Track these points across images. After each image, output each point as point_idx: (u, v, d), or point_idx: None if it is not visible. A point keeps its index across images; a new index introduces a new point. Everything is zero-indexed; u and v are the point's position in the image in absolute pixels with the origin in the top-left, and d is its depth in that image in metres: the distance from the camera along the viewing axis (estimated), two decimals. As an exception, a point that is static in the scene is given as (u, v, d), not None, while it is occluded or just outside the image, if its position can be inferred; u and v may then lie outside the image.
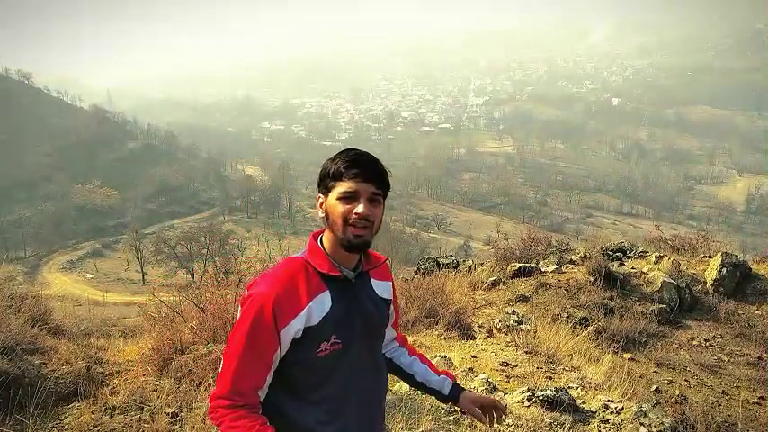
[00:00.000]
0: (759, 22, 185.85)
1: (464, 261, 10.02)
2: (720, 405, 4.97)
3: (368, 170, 1.47)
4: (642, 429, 3.66)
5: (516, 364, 4.94)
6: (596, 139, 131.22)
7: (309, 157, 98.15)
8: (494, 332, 6.07)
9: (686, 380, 5.51)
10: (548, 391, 3.95)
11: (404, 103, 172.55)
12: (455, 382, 1.86)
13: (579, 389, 4.39)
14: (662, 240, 10.16)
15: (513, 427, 3.67)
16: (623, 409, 3.96)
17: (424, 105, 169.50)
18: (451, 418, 3.74)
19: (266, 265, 5.24)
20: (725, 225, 76.55)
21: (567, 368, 4.94)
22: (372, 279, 1.65)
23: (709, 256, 8.28)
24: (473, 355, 5.16)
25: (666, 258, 8.09)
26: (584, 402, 4.09)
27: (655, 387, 5.17)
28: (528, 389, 4.09)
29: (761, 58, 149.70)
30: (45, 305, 5.99)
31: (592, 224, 76.86)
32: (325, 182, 1.51)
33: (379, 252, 1.70)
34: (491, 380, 4.35)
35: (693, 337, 6.49)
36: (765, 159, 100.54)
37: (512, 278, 8.01)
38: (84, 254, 60.46)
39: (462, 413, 3.80)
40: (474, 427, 3.68)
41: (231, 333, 1.48)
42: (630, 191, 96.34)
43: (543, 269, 8.20)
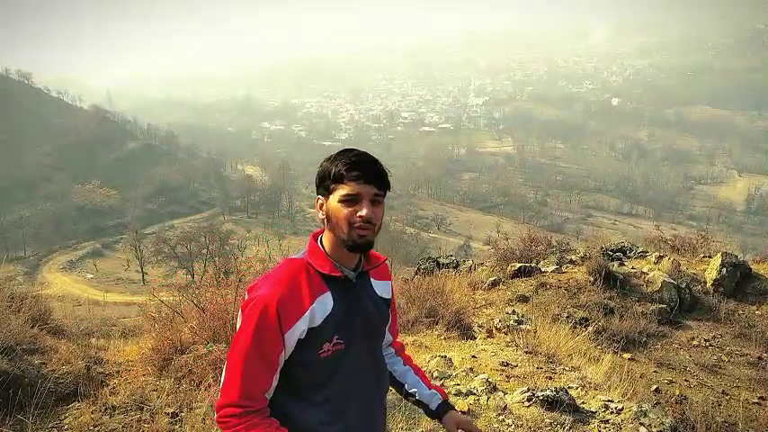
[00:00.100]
0: (759, 22, 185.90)
1: (464, 261, 10.02)
2: (720, 405, 4.97)
3: (369, 172, 1.46)
4: (642, 429, 3.66)
5: (516, 364, 4.94)
6: (596, 139, 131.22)
7: (309, 157, 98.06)
8: (494, 332, 6.07)
9: (686, 380, 5.51)
10: (548, 392, 3.95)
11: (404, 103, 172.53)
12: (445, 400, 1.83)
13: (579, 389, 4.39)
14: (662, 240, 10.17)
15: (514, 427, 3.67)
16: (623, 409, 3.96)
17: (424, 105, 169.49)
18: (451, 418, 3.73)
19: (266, 266, 5.23)
20: (725, 225, 76.56)
21: (567, 368, 4.94)
22: (372, 279, 1.65)
23: (710, 256, 8.28)
24: (473, 355, 5.16)
25: (666, 258, 8.09)
26: (584, 402, 4.09)
27: (655, 387, 5.17)
28: (528, 389, 4.09)
29: (761, 58, 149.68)
30: (45, 305, 5.98)
31: (592, 224, 76.88)
32: (325, 184, 1.50)
33: (378, 252, 1.70)
34: (491, 380, 4.35)
35: (693, 337, 6.49)
36: (765, 159, 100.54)
37: (512, 278, 8.01)
38: (84, 254, 60.46)
39: (462, 413, 3.82)
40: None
41: (235, 338, 1.46)
42: (630, 191, 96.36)
43: (543, 269, 8.20)
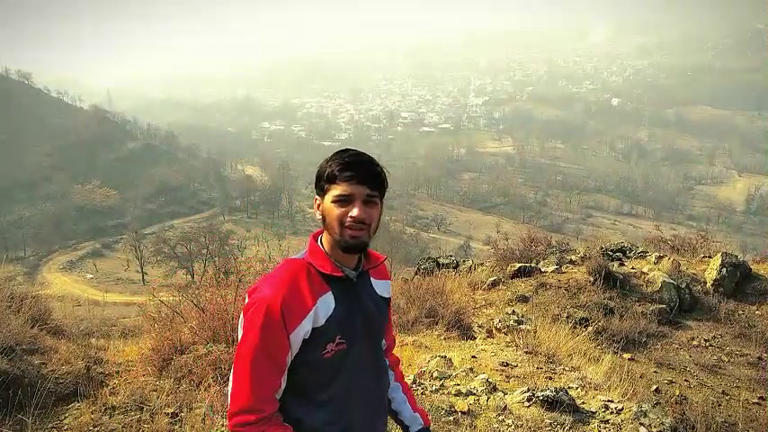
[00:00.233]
0: (759, 22, 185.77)
1: (464, 261, 10.03)
2: (720, 405, 4.97)
3: (362, 172, 1.46)
4: (642, 429, 3.66)
5: (516, 365, 4.95)
6: (596, 139, 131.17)
7: (309, 158, 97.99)
8: (494, 332, 6.07)
9: (686, 380, 5.51)
10: (548, 392, 3.95)
11: (404, 103, 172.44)
12: (426, 426, 1.81)
13: (579, 389, 4.40)
14: (662, 240, 10.18)
15: (514, 427, 3.67)
16: (623, 409, 3.96)
17: (424, 105, 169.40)
18: (451, 418, 3.74)
19: (266, 266, 5.23)
20: (725, 225, 76.52)
21: (567, 368, 4.94)
22: (372, 278, 1.65)
23: (709, 257, 8.28)
24: (473, 356, 5.16)
25: (666, 258, 8.10)
26: (584, 402, 4.09)
27: (655, 387, 5.17)
28: (528, 389, 4.09)
29: (761, 58, 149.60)
30: (45, 305, 5.98)
31: (592, 224, 76.91)
32: (320, 184, 1.51)
33: (378, 252, 1.70)
34: (491, 380, 4.35)
35: (693, 338, 6.49)
36: (765, 159, 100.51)
37: (512, 278, 8.01)
38: (84, 254, 60.44)
39: (462, 413, 3.82)
40: (474, 427, 3.68)
41: (241, 342, 1.45)
42: (630, 191, 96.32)
43: (543, 269, 8.20)
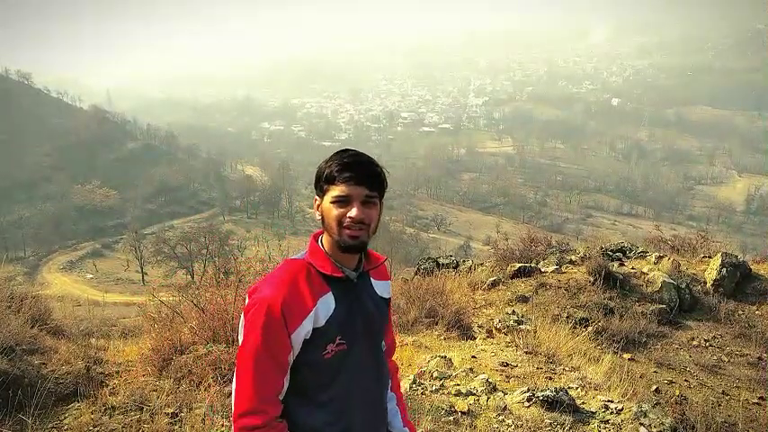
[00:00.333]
0: (759, 22, 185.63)
1: (464, 261, 10.03)
2: (720, 405, 4.97)
3: (361, 173, 1.46)
4: (642, 430, 3.66)
5: (516, 365, 4.95)
6: (596, 139, 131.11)
7: (309, 158, 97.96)
8: (494, 332, 6.07)
9: (686, 380, 5.51)
10: (548, 392, 3.95)
11: (404, 104, 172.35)
12: None
13: (579, 389, 4.40)
14: (662, 240, 10.18)
15: (514, 427, 3.67)
16: (623, 409, 3.96)
17: (424, 105, 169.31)
18: (451, 418, 3.74)
19: (266, 266, 5.23)
20: (725, 225, 76.47)
21: (567, 368, 4.94)
22: (372, 279, 1.66)
23: (709, 257, 8.28)
24: (473, 356, 5.16)
25: (666, 258, 8.09)
26: (584, 403, 4.09)
27: (655, 387, 5.17)
28: (528, 389, 4.10)
29: (761, 58, 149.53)
30: (45, 305, 5.98)
31: (591, 224, 76.88)
32: (319, 184, 1.51)
33: (378, 252, 1.70)
34: (491, 380, 4.35)
35: (693, 338, 6.49)
36: (765, 159, 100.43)
37: (511, 278, 8.01)
38: (84, 254, 60.42)
39: (462, 413, 3.82)
40: (474, 427, 3.68)
41: (243, 343, 1.46)
42: (630, 191, 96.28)
43: (543, 269, 8.20)
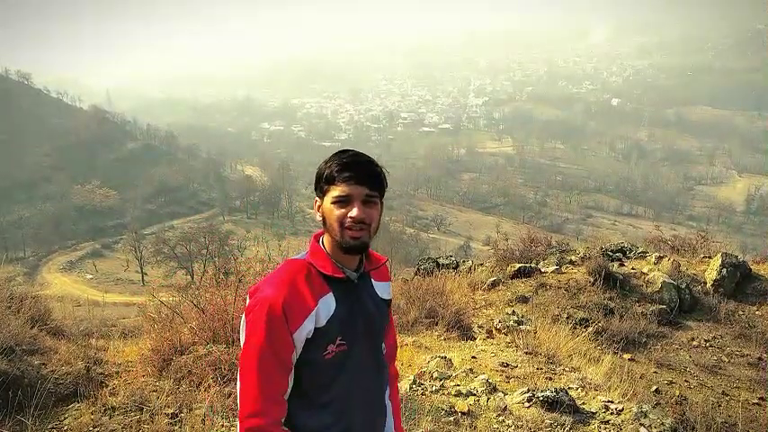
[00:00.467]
0: (759, 22, 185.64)
1: (464, 261, 10.03)
2: (720, 406, 4.97)
3: (361, 173, 1.46)
4: (642, 430, 3.66)
5: (516, 365, 4.94)
6: (596, 139, 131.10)
7: (309, 158, 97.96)
8: (494, 333, 6.07)
9: (686, 380, 5.51)
10: (548, 392, 3.95)
11: (403, 104, 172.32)
12: None
13: (579, 389, 4.39)
14: (662, 241, 10.18)
15: (514, 427, 3.67)
16: (623, 409, 3.96)
17: (424, 105, 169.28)
18: (451, 418, 3.74)
19: (266, 266, 5.22)
20: (725, 225, 76.44)
21: (567, 369, 4.94)
22: (373, 280, 1.66)
23: (709, 257, 8.28)
24: (473, 356, 5.16)
25: (666, 259, 8.09)
26: (584, 403, 4.09)
27: (655, 388, 5.17)
28: (528, 389, 4.09)
29: (761, 58, 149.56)
30: (44, 306, 5.98)
31: (591, 224, 76.88)
32: (320, 185, 1.51)
33: (378, 253, 1.70)
34: (491, 380, 4.35)
35: (693, 338, 6.48)
36: (765, 159, 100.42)
37: (511, 279, 8.01)
38: (84, 254, 60.41)
39: (462, 413, 3.82)
40: (474, 427, 3.68)
41: (246, 343, 1.45)
42: (630, 191, 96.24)
43: (543, 270, 8.20)
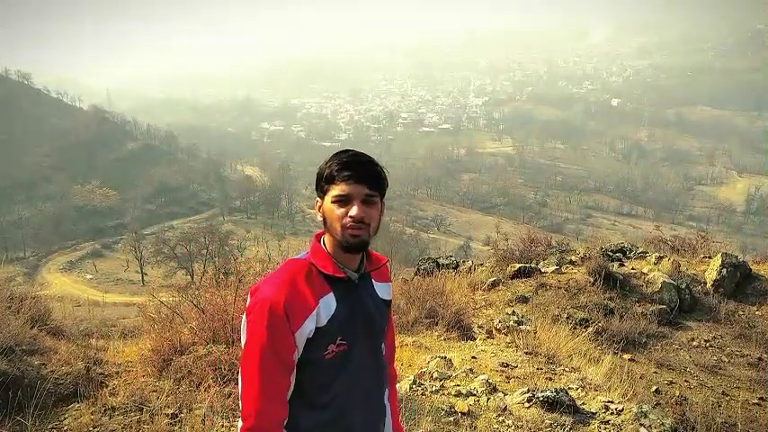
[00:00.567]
0: (759, 22, 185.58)
1: (464, 262, 10.03)
2: (720, 406, 4.97)
3: (360, 172, 1.46)
4: (642, 430, 3.66)
5: (516, 365, 4.94)
6: (596, 139, 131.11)
7: (309, 158, 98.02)
8: (494, 333, 6.07)
9: (686, 381, 5.51)
10: (548, 392, 3.95)
11: (403, 104, 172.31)
12: None
13: (579, 390, 4.39)
14: (662, 241, 10.17)
15: (514, 428, 3.66)
16: (623, 410, 3.95)
17: (424, 106, 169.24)
18: (451, 419, 3.74)
19: (266, 266, 5.22)
20: (725, 225, 76.49)
21: (567, 369, 4.94)
22: (373, 280, 1.66)
23: (709, 257, 8.27)
24: (473, 356, 5.16)
25: (666, 259, 8.09)
26: (584, 403, 4.09)
27: (655, 388, 5.17)
28: (528, 390, 4.09)
29: (761, 58, 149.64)
30: (44, 306, 5.97)
31: (591, 225, 76.94)
32: (320, 185, 1.52)
33: (378, 253, 1.70)
34: (491, 381, 4.35)
35: (693, 338, 6.48)
36: (765, 159, 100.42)
37: (511, 279, 8.00)
38: (84, 254, 60.43)
39: (462, 414, 3.82)
40: (474, 428, 3.68)
41: (247, 342, 1.45)
42: (630, 191, 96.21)
43: (543, 270, 8.20)
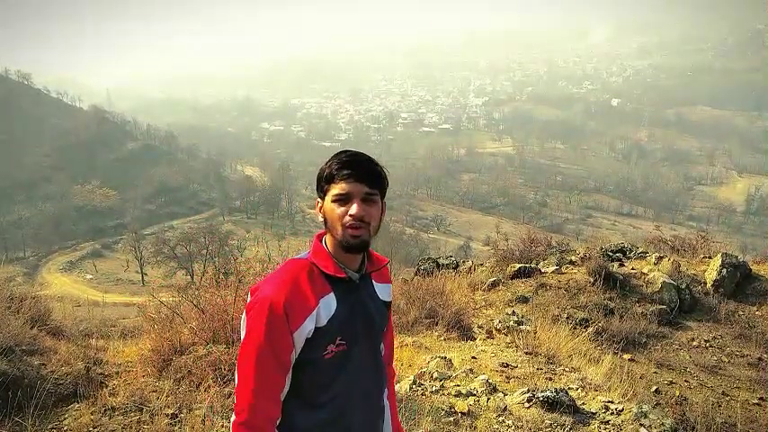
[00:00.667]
0: (759, 22, 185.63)
1: (464, 262, 10.03)
2: (720, 406, 4.97)
3: (360, 170, 1.47)
4: (642, 430, 3.66)
5: (516, 365, 4.94)
6: (596, 139, 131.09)
7: (309, 158, 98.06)
8: (494, 333, 6.07)
9: (686, 381, 5.51)
10: (548, 392, 3.95)
11: (403, 104, 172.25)
12: None
13: (579, 390, 4.39)
14: (662, 241, 10.17)
15: (514, 428, 3.66)
16: (623, 410, 3.95)
17: (424, 106, 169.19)
18: (451, 419, 3.73)
19: (266, 266, 5.22)
20: (725, 225, 76.48)
21: (567, 369, 4.94)
22: (374, 281, 1.66)
23: (709, 257, 8.27)
24: (473, 356, 5.16)
25: (666, 259, 8.09)
26: (584, 403, 4.08)
27: (655, 388, 5.17)
28: (528, 390, 4.09)
29: (761, 58, 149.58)
30: (44, 306, 5.97)
31: (591, 225, 76.97)
32: (320, 185, 1.52)
33: (378, 253, 1.70)
34: (491, 381, 4.35)
35: (693, 338, 6.48)
36: (765, 159, 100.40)
37: (511, 279, 8.00)
38: (84, 254, 60.44)
39: (462, 414, 3.82)
40: (474, 428, 3.68)
41: (245, 340, 1.45)
42: (630, 191, 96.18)
43: (543, 270, 8.19)
